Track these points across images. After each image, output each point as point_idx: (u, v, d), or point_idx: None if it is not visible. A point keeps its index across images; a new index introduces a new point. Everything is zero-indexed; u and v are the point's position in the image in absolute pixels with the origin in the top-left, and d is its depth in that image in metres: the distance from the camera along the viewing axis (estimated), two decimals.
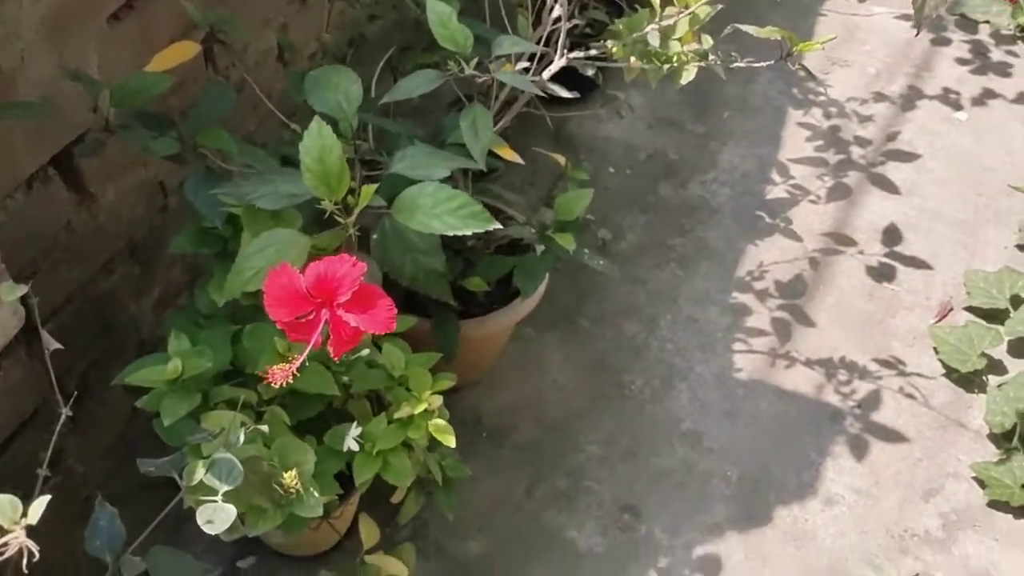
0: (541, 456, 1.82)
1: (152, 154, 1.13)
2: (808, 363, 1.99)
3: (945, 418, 1.90)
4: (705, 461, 1.83)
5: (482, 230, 0.96)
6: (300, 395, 1.12)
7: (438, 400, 1.15)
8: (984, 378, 1.95)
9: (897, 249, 2.21)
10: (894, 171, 2.41)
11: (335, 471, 1.12)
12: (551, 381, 1.94)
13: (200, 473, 0.85)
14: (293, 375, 0.86)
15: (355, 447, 1.12)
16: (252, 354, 1.09)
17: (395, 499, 1.46)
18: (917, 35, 2.57)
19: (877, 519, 1.76)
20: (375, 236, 1.06)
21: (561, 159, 1.55)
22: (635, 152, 2.43)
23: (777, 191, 2.34)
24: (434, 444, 1.38)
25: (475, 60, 1.13)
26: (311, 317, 0.89)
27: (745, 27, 1.35)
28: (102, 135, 1.18)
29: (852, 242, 2.23)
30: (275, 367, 0.87)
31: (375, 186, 0.95)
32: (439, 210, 0.96)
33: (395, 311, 0.90)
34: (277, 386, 0.86)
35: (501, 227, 0.98)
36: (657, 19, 1.31)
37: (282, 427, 1.08)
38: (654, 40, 1.32)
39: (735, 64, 1.41)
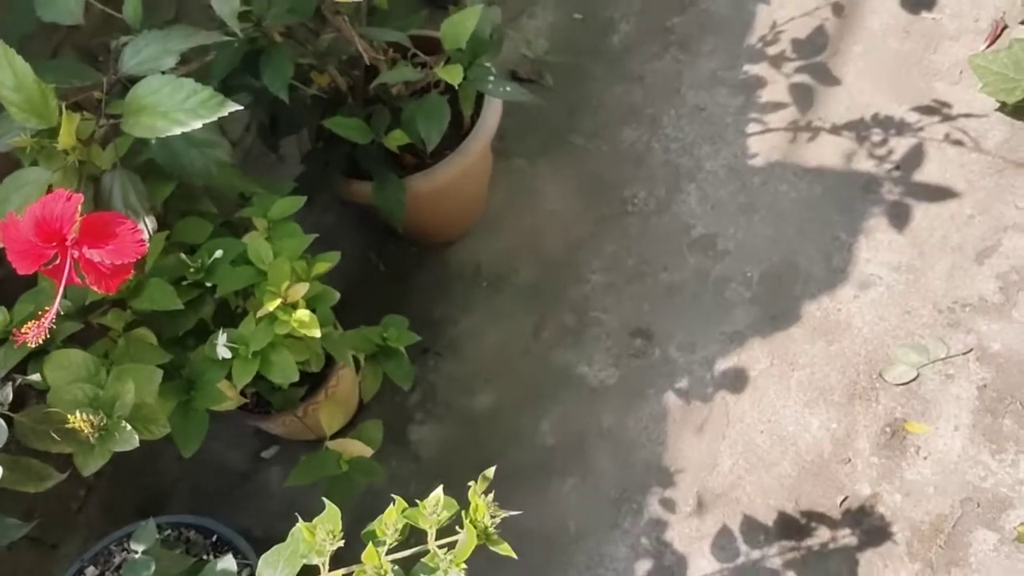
0: (544, 295, 1.70)
1: None
2: (835, 129, 1.72)
3: (1001, 160, 1.61)
4: (720, 266, 1.65)
5: (215, 117, 0.83)
6: (165, 312, 1.06)
7: (301, 289, 1.05)
8: None
9: None
10: None
11: (218, 381, 1.07)
12: (548, 213, 1.79)
13: None
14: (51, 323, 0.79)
15: (227, 354, 1.05)
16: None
17: (359, 377, 1.40)
18: None
19: (922, 295, 1.54)
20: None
21: None
22: None
23: None
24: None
25: None
26: (58, 262, 0.81)
27: None
28: None
29: None
30: (26, 327, 0.81)
31: (77, 116, 0.84)
32: (165, 107, 0.84)
33: (141, 233, 0.80)
34: (32, 345, 0.81)
35: (239, 107, 0.84)
36: None
37: (144, 349, 1.03)
38: None
39: None
